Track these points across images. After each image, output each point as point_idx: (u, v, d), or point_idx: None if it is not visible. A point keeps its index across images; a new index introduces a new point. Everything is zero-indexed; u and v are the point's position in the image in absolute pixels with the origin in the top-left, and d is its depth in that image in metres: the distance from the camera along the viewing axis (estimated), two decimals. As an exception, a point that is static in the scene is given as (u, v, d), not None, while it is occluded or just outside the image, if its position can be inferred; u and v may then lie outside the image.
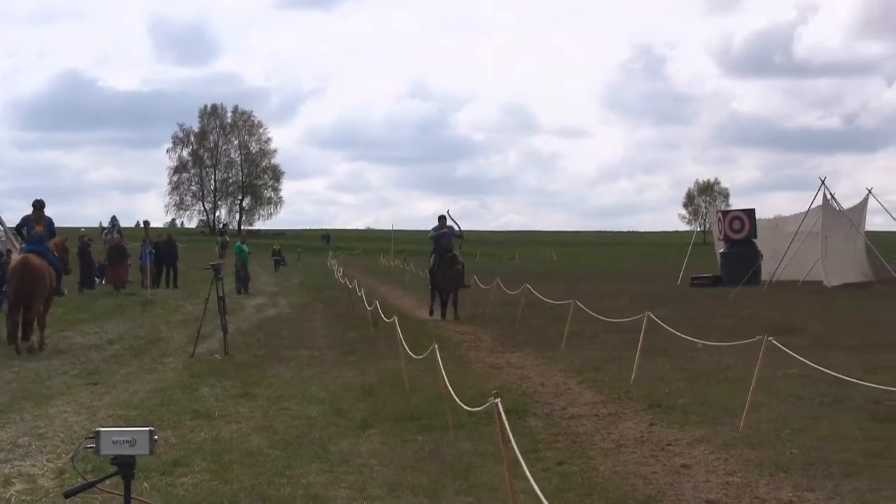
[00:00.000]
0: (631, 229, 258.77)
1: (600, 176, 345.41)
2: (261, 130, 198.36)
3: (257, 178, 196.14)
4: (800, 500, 9.39)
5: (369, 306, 27.15)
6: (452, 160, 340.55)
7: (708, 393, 15.45)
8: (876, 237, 52.19)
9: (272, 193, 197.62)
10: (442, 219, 31.63)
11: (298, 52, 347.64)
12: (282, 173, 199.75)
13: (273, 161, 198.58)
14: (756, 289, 42.53)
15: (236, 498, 9.69)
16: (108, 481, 6.14)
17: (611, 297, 37.09)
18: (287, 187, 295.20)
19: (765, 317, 28.62)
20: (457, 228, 31.82)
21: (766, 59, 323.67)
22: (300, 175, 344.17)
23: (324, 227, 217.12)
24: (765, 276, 46.30)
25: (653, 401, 14.91)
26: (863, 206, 48.10)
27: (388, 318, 19.87)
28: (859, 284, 44.01)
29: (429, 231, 32.46)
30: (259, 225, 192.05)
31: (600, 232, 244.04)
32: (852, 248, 46.95)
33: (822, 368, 12.72)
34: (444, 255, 30.55)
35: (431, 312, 31.67)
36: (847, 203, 47.71)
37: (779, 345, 12.95)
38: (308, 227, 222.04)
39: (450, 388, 11.36)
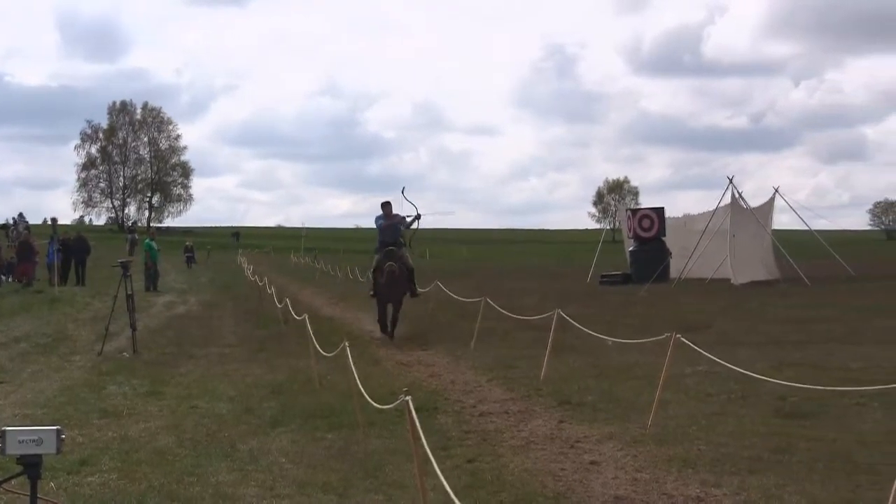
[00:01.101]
0: (542, 227, 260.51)
1: (511, 174, 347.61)
2: (170, 127, 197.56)
3: (167, 175, 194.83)
4: (707, 495, 9.46)
5: (279, 304, 27.08)
6: (364, 158, 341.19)
7: (617, 390, 15.53)
8: (782, 235, 52.84)
9: (182, 191, 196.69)
10: (386, 206, 24.99)
11: (210, 48, 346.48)
12: (192, 170, 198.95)
13: (183, 158, 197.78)
14: (665, 286, 42.98)
15: (144, 497, 9.58)
16: (13, 481, 6.05)
17: (522, 295, 37.26)
18: (197, 184, 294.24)
19: (673, 314, 28.86)
20: (407, 217, 25.19)
21: (676, 58, 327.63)
22: (210, 172, 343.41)
23: (234, 225, 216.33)
24: (674, 274, 46.81)
25: (562, 398, 14.95)
26: (770, 204, 48.73)
27: (298, 316, 19.80)
28: (766, 282, 44.58)
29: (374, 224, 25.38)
30: (169, 222, 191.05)
31: (512, 230, 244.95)
32: (759, 247, 47.53)
33: (729, 365, 12.83)
34: (388, 254, 24.13)
35: (383, 328, 24.50)
36: (754, 202, 48.39)
37: (687, 342, 13.04)
38: (218, 225, 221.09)
39: (360, 386, 11.32)
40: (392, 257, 23.88)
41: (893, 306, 30.48)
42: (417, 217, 24.85)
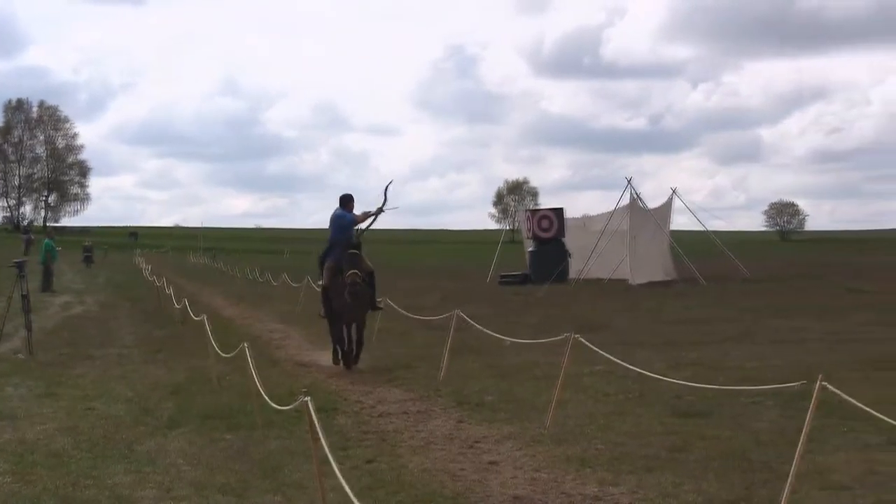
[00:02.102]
0: (442, 227, 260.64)
1: (412, 174, 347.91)
2: (67, 126, 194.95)
3: (63, 174, 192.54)
4: (605, 494, 9.54)
5: (178, 304, 26.84)
6: (263, 158, 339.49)
7: (516, 390, 15.57)
8: (680, 236, 53.46)
9: (79, 190, 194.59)
10: (348, 200, 19.42)
11: (108, 46, 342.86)
12: (89, 169, 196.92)
13: (80, 157, 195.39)
14: (564, 287, 43.32)
15: (39, 500, 9.47)
16: None
17: (422, 295, 37.31)
18: (94, 184, 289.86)
19: (572, 314, 29.07)
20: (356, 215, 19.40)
21: (576, 60, 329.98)
22: (108, 171, 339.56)
23: (131, 225, 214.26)
24: (573, 275, 47.11)
25: (462, 398, 14.97)
26: (668, 205, 49.21)
27: (196, 317, 19.64)
28: (663, 283, 45.04)
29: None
30: (65, 222, 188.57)
31: (412, 230, 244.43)
32: (657, 248, 48.01)
33: (626, 365, 12.96)
34: (351, 259, 18.60)
35: (341, 357, 19.02)
36: (653, 203, 48.84)
37: (585, 342, 13.15)
38: (115, 225, 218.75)
39: (259, 387, 11.28)
40: (354, 263, 18.49)
41: (787, 306, 31.05)
42: (378, 212, 19.40)
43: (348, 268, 18.35)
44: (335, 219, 19.23)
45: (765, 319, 26.96)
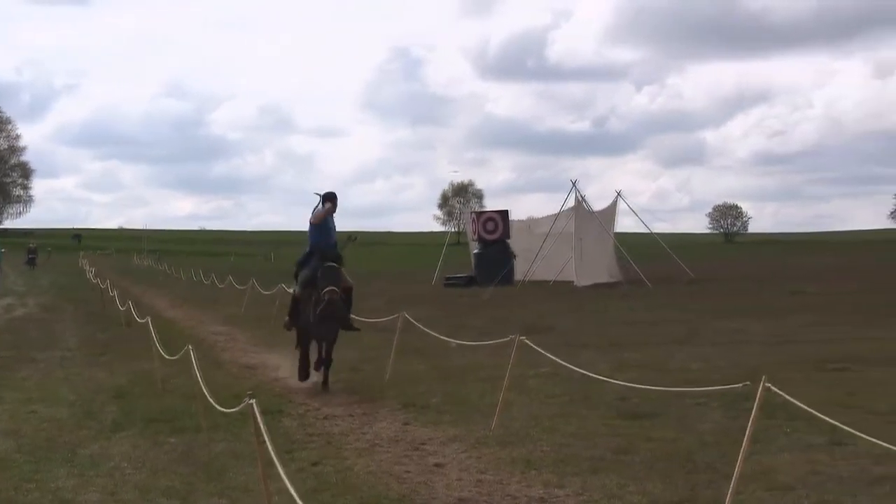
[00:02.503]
0: (387, 230, 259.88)
1: (357, 176, 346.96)
2: (10, 127, 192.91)
3: (6, 175, 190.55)
4: (550, 496, 9.55)
5: (122, 306, 26.65)
6: (208, 159, 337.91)
7: (461, 392, 15.58)
8: (624, 238, 53.71)
9: (21, 192, 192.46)
10: (331, 198, 17.18)
11: (52, 47, 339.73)
12: (32, 171, 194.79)
13: (23, 158, 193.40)
14: (509, 289, 43.38)
15: (-20, 504, 9.38)
16: None
17: (367, 297, 37.18)
18: (37, 186, 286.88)
19: (517, 316, 29.12)
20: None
21: (521, 62, 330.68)
22: (51, 173, 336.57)
23: (75, 227, 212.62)
24: (518, 277, 47.17)
25: (407, 400, 14.95)
26: (613, 207, 49.43)
27: (141, 319, 19.52)
28: (608, 284, 45.21)
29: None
30: (8, 224, 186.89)
31: (358, 232, 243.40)
32: (603, 249, 48.21)
33: (571, 367, 12.96)
34: (329, 273, 16.42)
35: (304, 374, 16.98)
36: (598, 205, 49.08)
37: (530, 344, 13.17)
38: (58, 227, 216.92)
39: (204, 389, 11.22)
40: (332, 278, 16.37)
41: (731, 308, 31.27)
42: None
43: (324, 283, 16.16)
44: (316, 220, 16.99)
45: (709, 321, 27.12)
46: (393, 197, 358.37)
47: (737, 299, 35.91)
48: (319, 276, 16.33)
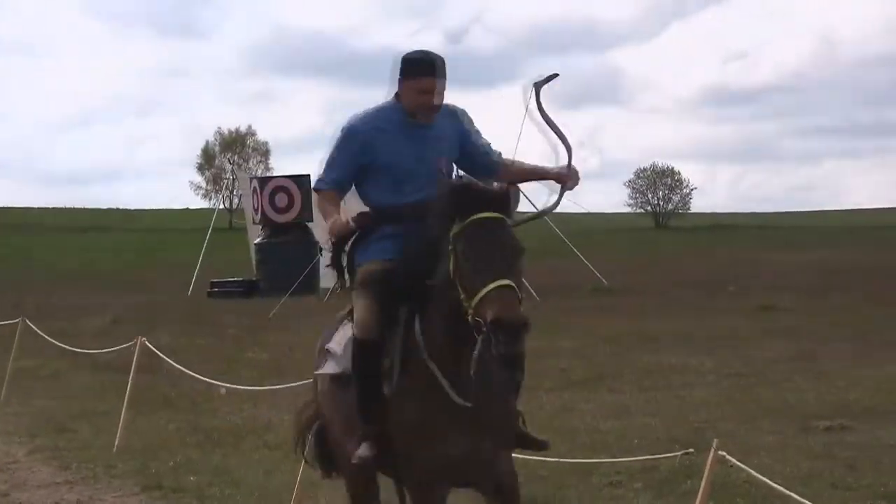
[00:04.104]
0: (113, 206, 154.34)
1: (58, 122, 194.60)
2: None
3: None
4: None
5: None
6: None
7: (236, 467, 11.45)
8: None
9: None
10: (426, 71, 6.50)
11: None
12: None
13: None
14: (313, 300, 33.45)
15: None
16: None
17: (83, 315, 30.05)
18: None
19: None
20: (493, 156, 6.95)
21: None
22: None
23: None
24: (328, 283, 35.07)
25: (150, 479, 11.11)
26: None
27: None
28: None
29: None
30: None
31: (62, 209, 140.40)
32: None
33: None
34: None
35: None
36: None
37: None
38: None
39: None
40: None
41: (665, 332, 24.07)
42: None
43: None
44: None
45: (629, 353, 20.50)
46: (120, 155, 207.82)
47: (674, 320, 26.94)
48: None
